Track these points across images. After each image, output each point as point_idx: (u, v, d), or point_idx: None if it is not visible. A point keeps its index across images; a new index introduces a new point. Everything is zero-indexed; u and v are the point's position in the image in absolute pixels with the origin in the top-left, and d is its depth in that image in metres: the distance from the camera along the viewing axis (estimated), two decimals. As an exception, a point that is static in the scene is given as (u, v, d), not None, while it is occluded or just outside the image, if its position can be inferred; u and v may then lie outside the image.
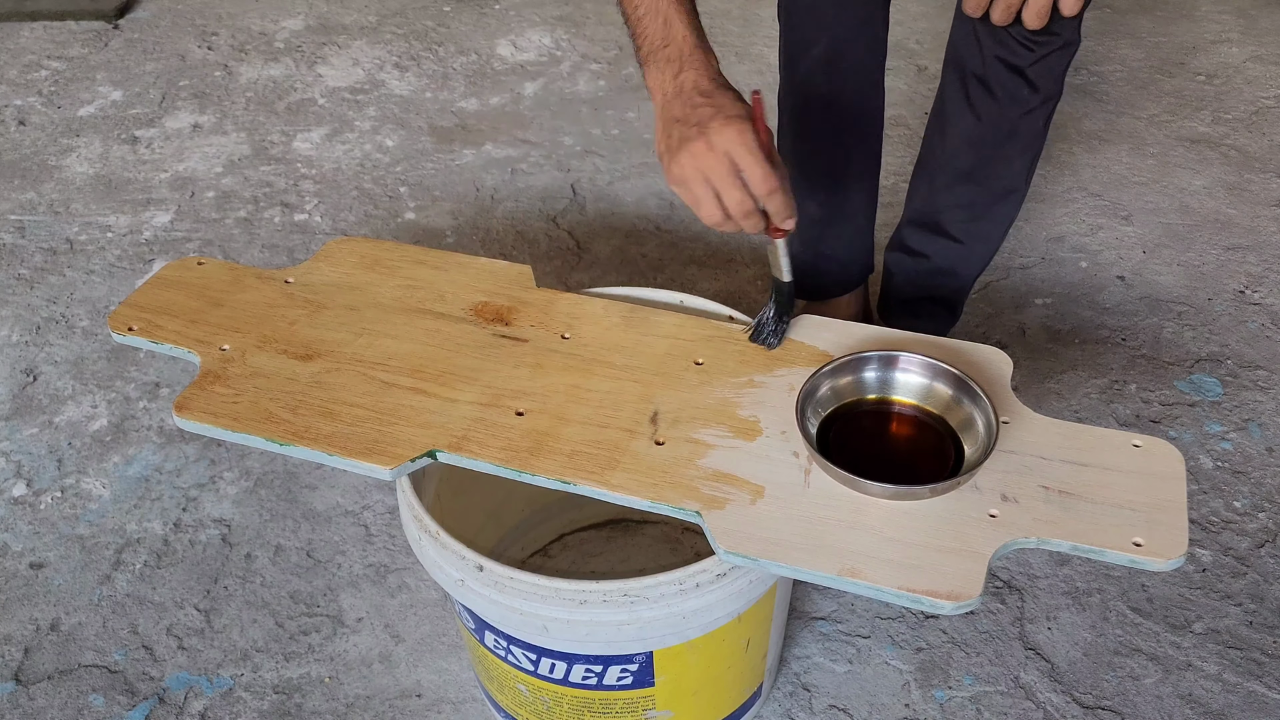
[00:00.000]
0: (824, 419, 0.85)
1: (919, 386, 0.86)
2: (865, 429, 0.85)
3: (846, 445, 0.83)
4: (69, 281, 1.67)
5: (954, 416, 0.84)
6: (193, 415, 0.87)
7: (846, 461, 0.78)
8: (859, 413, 0.86)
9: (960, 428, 0.83)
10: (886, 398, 0.87)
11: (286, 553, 1.26)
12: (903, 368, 0.86)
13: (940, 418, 0.84)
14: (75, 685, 1.13)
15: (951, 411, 0.84)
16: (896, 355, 0.86)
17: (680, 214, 1.78)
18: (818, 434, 0.83)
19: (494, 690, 1.00)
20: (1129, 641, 1.15)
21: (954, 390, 0.84)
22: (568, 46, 2.27)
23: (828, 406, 0.85)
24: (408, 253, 1.05)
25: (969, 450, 0.81)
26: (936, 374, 0.85)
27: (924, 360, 0.85)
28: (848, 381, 0.86)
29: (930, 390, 0.85)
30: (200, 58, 2.26)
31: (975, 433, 0.82)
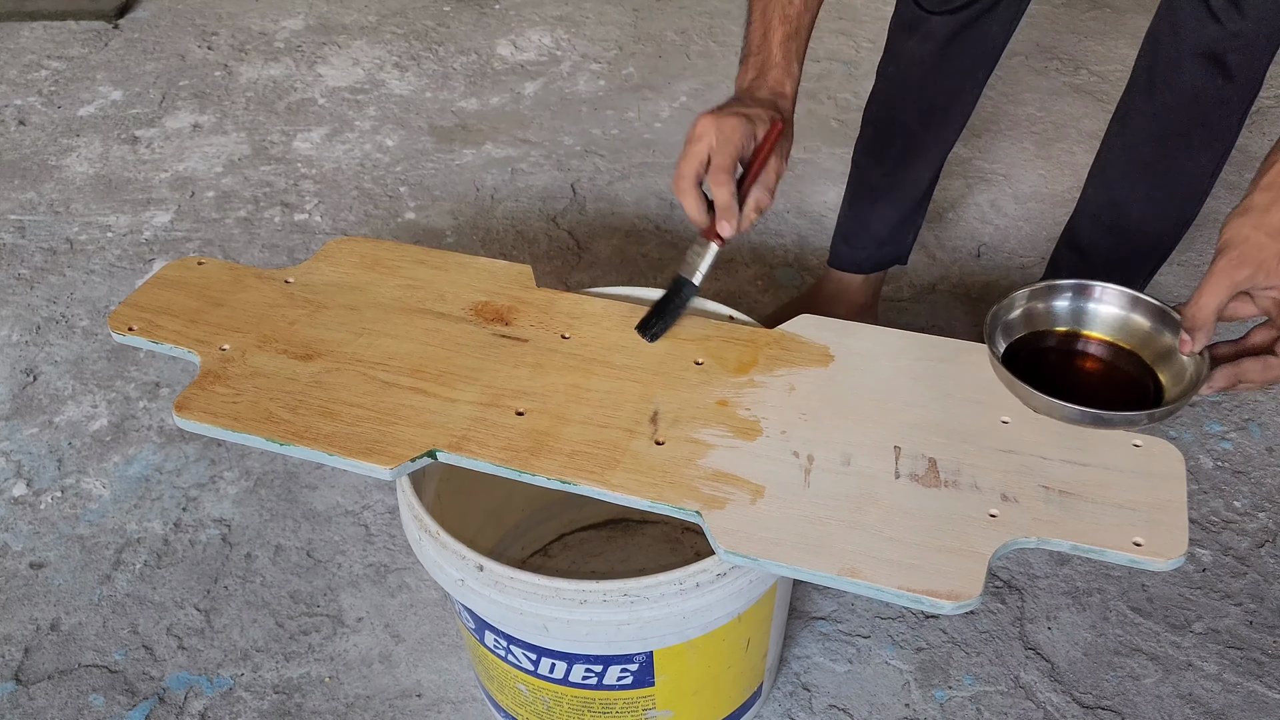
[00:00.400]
0: (1010, 345, 0.85)
1: (1115, 319, 0.85)
2: (1054, 359, 0.85)
3: (1037, 373, 0.81)
4: (69, 281, 1.67)
5: (1150, 349, 0.83)
6: (193, 415, 0.87)
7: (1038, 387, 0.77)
8: (1047, 344, 0.86)
9: (1156, 360, 0.82)
10: (1077, 330, 0.86)
11: (287, 552, 1.26)
12: (1099, 299, 0.86)
13: (1133, 352, 0.84)
14: (75, 685, 1.13)
15: (1150, 344, 0.83)
16: (1092, 285, 0.86)
17: (680, 214, 1.78)
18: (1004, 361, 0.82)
19: (494, 690, 1.00)
20: (1129, 641, 1.15)
21: (1153, 322, 0.83)
22: (568, 46, 2.27)
23: (1016, 332, 0.85)
24: (408, 252, 1.05)
25: (1168, 382, 0.80)
26: (1134, 305, 0.84)
27: (1121, 291, 0.85)
28: (1041, 309, 0.86)
29: (1127, 322, 0.85)
30: (200, 58, 2.26)
31: (1178, 365, 0.80)
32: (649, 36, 2.30)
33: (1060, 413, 0.77)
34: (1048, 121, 1.98)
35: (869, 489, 0.80)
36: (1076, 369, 0.85)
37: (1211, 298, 0.74)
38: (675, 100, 2.09)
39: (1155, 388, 0.82)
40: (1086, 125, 1.96)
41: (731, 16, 2.36)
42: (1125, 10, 2.32)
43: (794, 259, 1.68)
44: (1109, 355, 0.85)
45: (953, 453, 0.83)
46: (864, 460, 0.83)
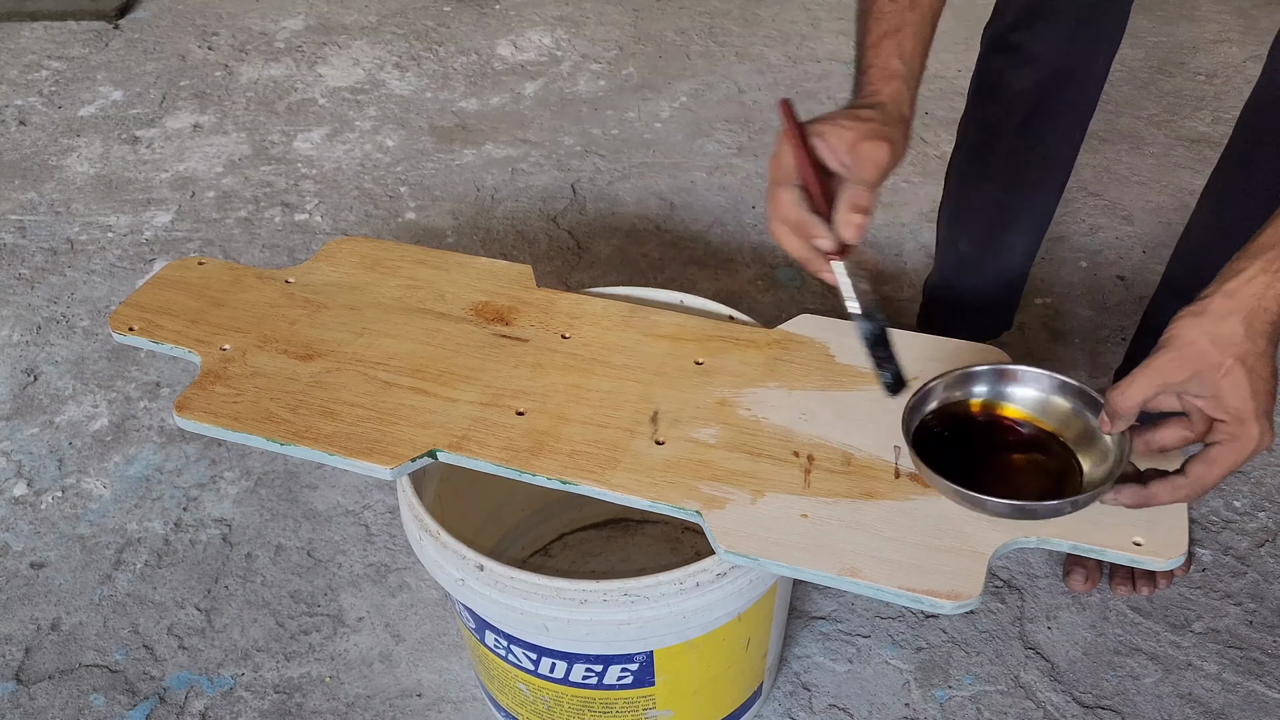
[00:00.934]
0: (918, 428, 0.80)
1: (1034, 400, 0.81)
2: (973, 443, 0.80)
3: (950, 458, 0.76)
4: (69, 281, 1.67)
5: (1071, 430, 0.79)
6: (193, 415, 0.87)
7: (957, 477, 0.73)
8: (962, 425, 0.81)
9: (1077, 442, 0.79)
10: (995, 408, 0.82)
11: (287, 552, 1.26)
12: (1017, 381, 0.81)
13: (1053, 433, 0.80)
14: (76, 685, 1.13)
15: (1069, 425, 0.79)
16: (1011, 368, 0.81)
17: (680, 214, 1.78)
18: (914, 446, 0.78)
19: (494, 690, 1.00)
20: (1129, 641, 1.15)
21: (1074, 403, 0.79)
22: (568, 46, 2.27)
23: (928, 421, 0.80)
24: (408, 252, 1.05)
25: (1089, 465, 0.77)
26: (1054, 388, 0.80)
27: (1040, 373, 0.80)
28: (956, 396, 0.82)
29: (1046, 404, 0.80)
30: (201, 58, 2.26)
31: (1098, 446, 0.77)
32: (649, 37, 2.30)
33: (987, 508, 0.73)
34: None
35: (869, 489, 0.80)
36: (996, 453, 0.80)
37: (1139, 391, 0.71)
38: (675, 100, 2.09)
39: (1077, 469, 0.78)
40: (1086, 125, 1.96)
41: (731, 16, 2.36)
42: (1125, 10, 2.32)
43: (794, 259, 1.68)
44: (1028, 437, 0.81)
45: None
46: (864, 460, 0.83)
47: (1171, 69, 2.12)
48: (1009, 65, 1.16)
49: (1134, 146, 1.90)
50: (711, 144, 1.95)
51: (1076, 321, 1.55)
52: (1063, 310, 1.57)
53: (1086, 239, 1.70)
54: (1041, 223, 1.30)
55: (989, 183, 1.27)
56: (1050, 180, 1.26)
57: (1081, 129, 1.22)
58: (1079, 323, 1.55)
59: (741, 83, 2.13)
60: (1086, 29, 1.13)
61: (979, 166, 1.27)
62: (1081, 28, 1.12)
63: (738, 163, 1.90)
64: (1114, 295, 1.59)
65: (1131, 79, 2.09)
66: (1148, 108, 2.01)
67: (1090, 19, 1.12)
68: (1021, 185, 1.25)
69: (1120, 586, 1.17)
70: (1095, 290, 1.61)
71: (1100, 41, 1.15)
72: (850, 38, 2.22)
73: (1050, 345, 1.51)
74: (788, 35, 2.27)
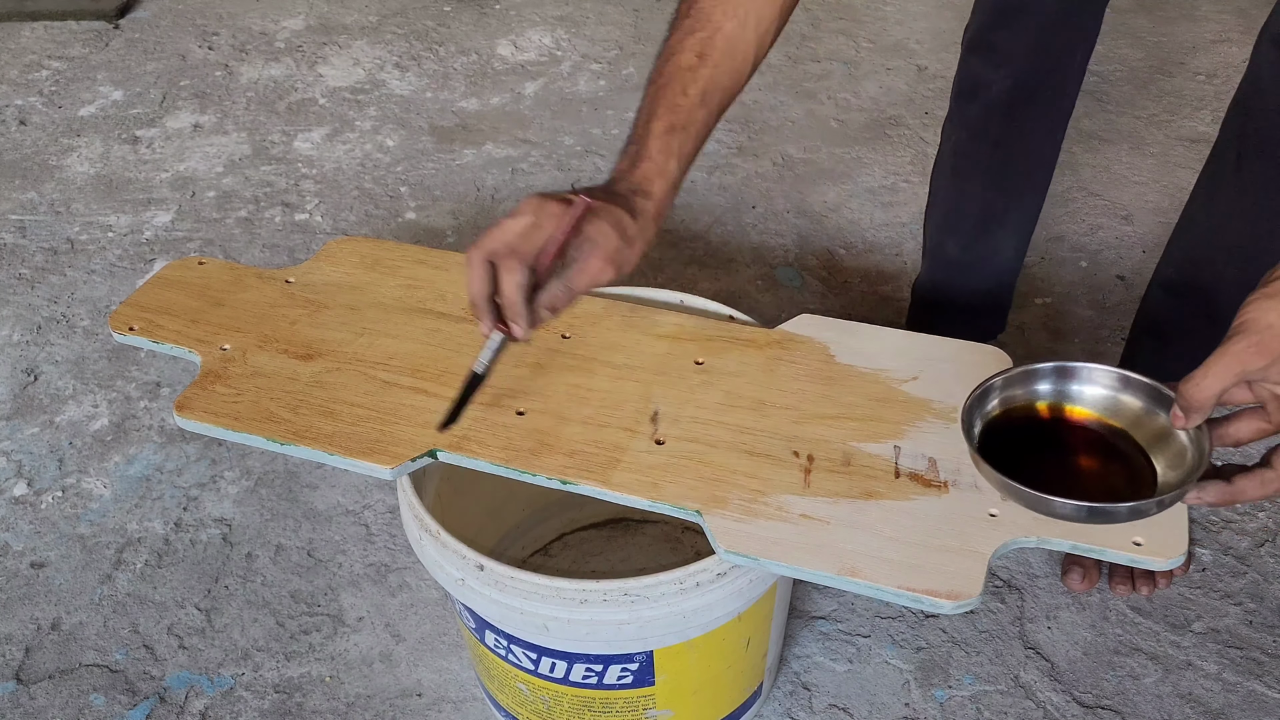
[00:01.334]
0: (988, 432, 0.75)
1: (1102, 399, 0.76)
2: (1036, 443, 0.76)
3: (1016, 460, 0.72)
4: (70, 281, 1.67)
5: (1142, 430, 0.75)
6: (193, 415, 0.87)
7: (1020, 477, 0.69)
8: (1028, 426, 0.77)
9: (1150, 442, 0.74)
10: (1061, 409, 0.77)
11: (287, 552, 1.26)
12: (1082, 379, 0.76)
13: (1124, 432, 0.75)
14: (76, 685, 1.13)
15: (1141, 425, 0.75)
16: (1074, 366, 0.76)
17: (680, 214, 1.78)
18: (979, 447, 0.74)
19: (494, 689, 1.00)
20: (1129, 641, 1.15)
21: (1146, 402, 0.75)
22: (568, 46, 2.27)
23: (990, 419, 0.76)
24: (408, 252, 1.05)
25: (1163, 466, 0.73)
26: (1124, 385, 0.75)
27: (1109, 370, 0.76)
28: (1019, 394, 0.77)
29: (1116, 402, 0.76)
30: (201, 58, 2.26)
31: (1173, 446, 0.73)
32: (649, 36, 2.30)
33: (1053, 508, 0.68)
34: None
35: (869, 489, 0.80)
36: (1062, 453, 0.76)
37: (1217, 381, 0.66)
38: (675, 100, 2.08)
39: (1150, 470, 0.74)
40: (1085, 125, 1.96)
41: (732, 16, 2.36)
42: (1126, 10, 2.32)
43: (794, 259, 1.68)
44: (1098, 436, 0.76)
45: (953, 452, 0.83)
46: (864, 460, 0.83)
47: (1172, 69, 2.12)
48: (986, 65, 1.17)
49: (1134, 146, 1.90)
50: (711, 144, 1.95)
51: (1077, 321, 1.55)
52: (1063, 310, 1.57)
53: (1086, 239, 1.70)
54: (1029, 222, 1.31)
55: (974, 184, 1.27)
56: (1035, 179, 1.26)
57: (1063, 126, 1.23)
58: (1079, 322, 1.55)
59: (742, 83, 2.13)
60: (1060, 26, 1.13)
61: (963, 168, 1.27)
62: (1055, 25, 1.12)
63: (738, 162, 1.90)
64: (1114, 295, 1.59)
65: (1131, 79, 2.09)
66: (1148, 107, 2.01)
67: (1064, 16, 1.12)
68: (1006, 185, 1.26)
69: (1120, 586, 1.17)
70: (1095, 290, 1.61)
71: (1075, 38, 1.15)
72: (850, 37, 2.22)
73: (1051, 345, 1.51)
74: (788, 35, 2.27)
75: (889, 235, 1.72)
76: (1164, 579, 1.18)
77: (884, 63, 2.15)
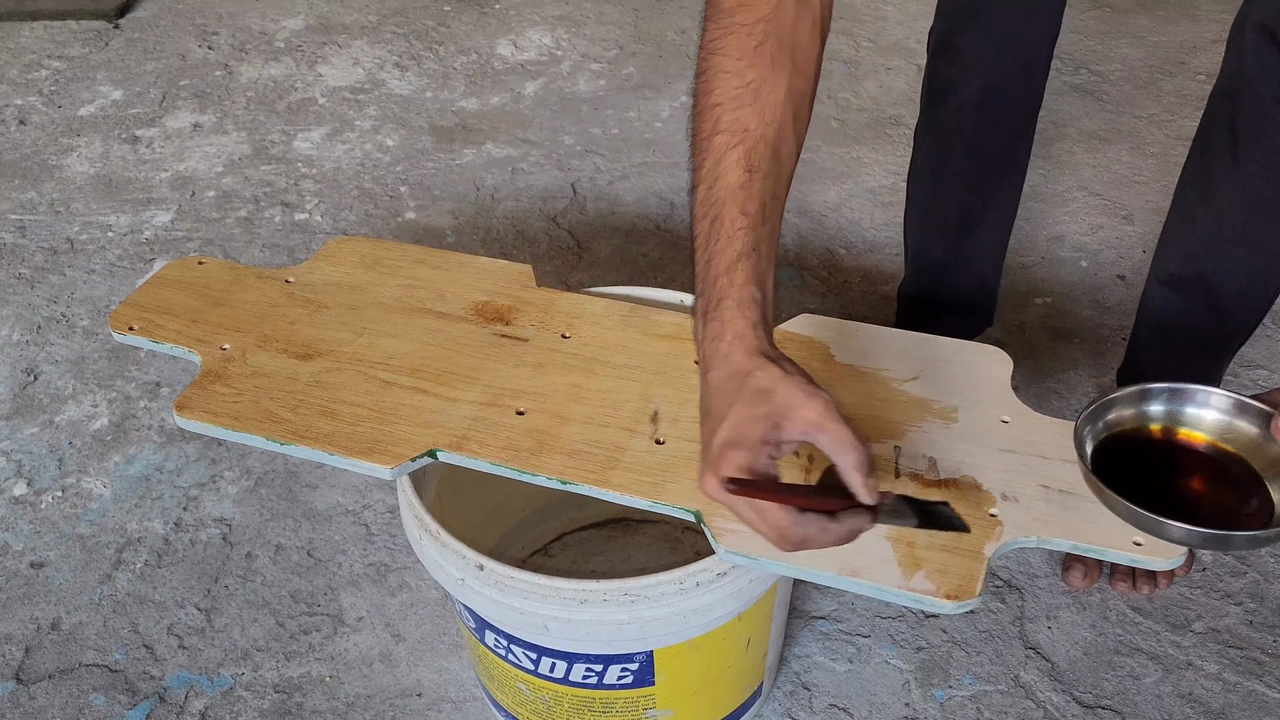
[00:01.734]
0: (1098, 450, 0.74)
1: (1217, 423, 0.75)
2: (1147, 464, 0.74)
3: (1126, 480, 0.71)
4: (69, 281, 1.67)
5: (1259, 457, 0.73)
6: (193, 414, 0.87)
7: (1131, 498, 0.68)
8: (1139, 446, 0.75)
9: (1266, 469, 0.72)
10: (1174, 431, 0.75)
11: (287, 552, 1.26)
12: (1199, 402, 0.75)
13: (1240, 458, 0.73)
14: (76, 684, 1.13)
15: (1258, 452, 0.73)
16: (1191, 389, 0.75)
17: (681, 214, 1.78)
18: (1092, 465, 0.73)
19: (494, 689, 1.00)
20: (1129, 641, 1.15)
21: (1261, 427, 0.73)
22: (568, 46, 2.27)
23: (1101, 438, 0.75)
24: (408, 252, 1.05)
25: (1278, 494, 0.70)
26: (1240, 410, 0.74)
27: (1226, 395, 0.74)
28: (1129, 414, 0.76)
29: (1231, 427, 0.74)
30: (201, 57, 2.26)
31: None
32: (649, 36, 2.30)
33: (1169, 532, 0.67)
34: (1047, 120, 1.97)
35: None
36: (1174, 476, 0.75)
37: None
38: (676, 100, 2.09)
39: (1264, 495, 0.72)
40: (1086, 125, 1.96)
41: (732, 16, 2.36)
42: (1125, 10, 2.32)
43: (794, 259, 1.68)
44: (1211, 460, 0.75)
45: (953, 452, 0.83)
46: (864, 460, 0.82)
47: (1172, 68, 2.12)
48: (952, 68, 1.18)
49: (1134, 146, 1.90)
50: (712, 144, 1.95)
51: (1077, 321, 1.55)
52: (1063, 310, 1.57)
53: (1086, 238, 1.70)
54: (1007, 219, 1.32)
55: (949, 187, 1.28)
56: (1010, 177, 1.27)
57: (1033, 122, 1.23)
58: (1080, 322, 1.55)
59: (742, 82, 2.13)
60: (1022, 25, 1.14)
61: (938, 171, 1.28)
62: (1017, 24, 1.13)
63: (738, 162, 1.90)
64: (1114, 295, 1.59)
65: (1132, 78, 2.09)
66: (1148, 107, 2.01)
67: (1024, 15, 1.13)
68: (982, 185, 1.27)
69: (1120, 584, 1.17)
70: (1096, 290, 1.60)
71: (1038, 36, 1.16)
72: (850, 37, 2.22)
73: (1051, 345, 1.51)
74: (788, 35, 2.27)
75: (889, 235, 1.72)
76: (1165, 579, 1.18)
77: (884, 62, 2.15)
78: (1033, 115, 1.23)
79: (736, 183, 0.70)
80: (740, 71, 0.71)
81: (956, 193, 1.28)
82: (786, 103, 0.71)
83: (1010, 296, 1.58)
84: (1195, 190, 1.16)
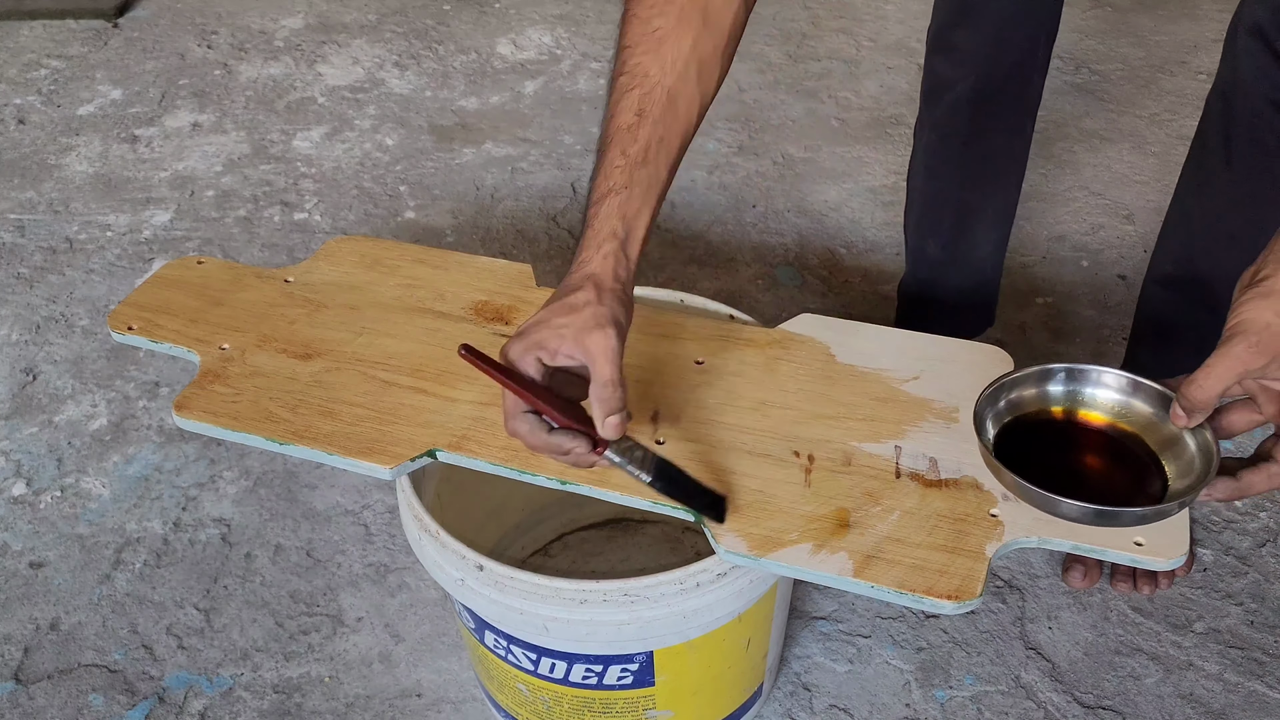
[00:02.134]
0: (1000, 431, 0.77)
1: (1114, 403, 0.78)
2: (1048, 444, 0.77)
3: (1027, 460, 0.74)
4: (69, 280, 1.67)
5: (1154, 436, 0.76)
6: (192, 414, 0.87)
7: (1030, 476, 0.71)
8: (1040, 426, 0.78)
9: (1161, 447, 0.75)
10: (1074, 412, 0.78)
11: (286, 552, 1.26)
12: (1096, 382, 0.78)
13: (1138, 436, 0.76)
14: (75, 685, 1.13)
15: (1153, 431, 0.76)
16: (1088, 369, 0.78)
17: (680, 213, 1.78)
18: (994, 448, 0.76)
19: (494, 690, 1.00)
20: (1130, 641, 1.14)
21: (1157, 407, 0.76)
22: (568, 45, 2.27)
23: (1003, 419, 0.78)
24: (407, 252, 1.05)
25: (1173, 471, 0.74)
26: (1135, 389, 0.77)
27: (1120, 375, 0.77)
28: (1030, 394, 0.79)
29: (1128, 407, 0.77)
30: (200, 56, 2.26)
31: (1183, 452, 0.74)
32: (649, 35, 2.29)
33: (1059, 509, 0.70)
34: (1048, 120, 1.97)
35: (870, 489, 0.80)
36: (1073, 455, 0.78)
37: (1219, 382, 0.68)
38: (675, 99, 2.08)
39: (1160, 475, 0.75)
40: (1087, 124, 1.95)
41: (732, 15, 2.36)
42: (1126, 9, 2.32)
43: (794, 258, 1.68)
44: (1110, 440, 0.78)
45: (954, 452, 0.82)
46: (865, 460, 0.82)
47: (1173, 68, 2.12)
48: (949, 65, 1.18)
49: (1135, 146, 1.90)
50: (711, 143, 1.95)
51: (1078, 321, 1.55)
52: (1064, 310, 1.57)
53: (1088, 238, 1.70)
54: (1006, 217, 1.32)
55: (948, 184, 1.28)
56: (1008, 174, 1.27)
57: (1031, 119, 1.23)
58: (1081, 322, 1.55)
59: (742, 81, 2.13)
60: (1019, 21, 1.14)
61: (936, 168, 1.28)
62: (1013, 20, 1.13)
63: (738, 161, 1.90)
64: (1115, 294, 1.59)
65: (1133, 78, 2.09)
66: (1149, 107, 2.00)
67: (1021, 11, 1.13)
68: (980, 182, 1.26)
69: (1121, 584, 1.17)
70: (1097, 290, 1.60)
71: (1035, 32, 1.16)
72: (850, 36, 2.22)
73: (1052, 345, 1.51)
74: (788, 34, 2.27)
75: (890, 234, 1.72)
76: (1165, 579, 1.18)
77: (885, 61, 2.14)
78: (1030, 113, 1.23)
79: (625, 124, 0.76)
80: (649, 19, 0.76)
81: (952, 189, 1.28)
82: (691, 55, 0.76)
83: (1011, 296, 1.58)
84: (1192, 191, 1.17)
